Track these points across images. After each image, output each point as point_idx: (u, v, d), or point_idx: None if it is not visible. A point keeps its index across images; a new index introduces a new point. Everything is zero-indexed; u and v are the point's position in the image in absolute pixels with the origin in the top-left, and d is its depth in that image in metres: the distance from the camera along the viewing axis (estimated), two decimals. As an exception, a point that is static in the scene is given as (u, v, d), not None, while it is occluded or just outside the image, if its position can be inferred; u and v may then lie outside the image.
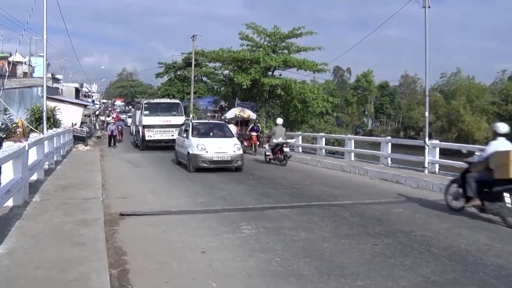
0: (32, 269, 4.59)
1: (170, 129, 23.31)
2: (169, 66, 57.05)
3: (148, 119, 23.83)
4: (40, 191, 8.97)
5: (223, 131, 16.74)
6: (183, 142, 15.79)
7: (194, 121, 17.33)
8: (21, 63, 49.13)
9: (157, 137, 23.74)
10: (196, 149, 14.41)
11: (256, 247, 6.23)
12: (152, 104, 25.66)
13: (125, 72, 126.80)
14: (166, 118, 24.08)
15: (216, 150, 14.53)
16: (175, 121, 23.35)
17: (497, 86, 59.76)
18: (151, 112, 24.39)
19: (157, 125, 23.67)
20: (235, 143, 15.14)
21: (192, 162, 14.39)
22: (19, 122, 22.95)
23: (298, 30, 30.60)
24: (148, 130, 23.58)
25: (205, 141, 14.88)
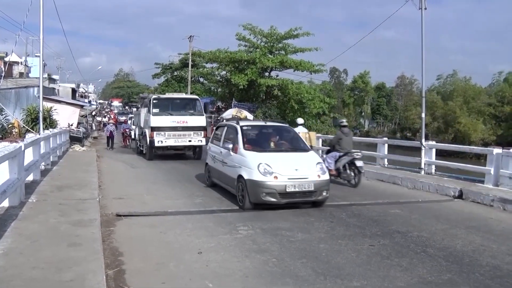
0: (28, 270, 4.58)
1: (187, 133, 18.16)
2: (166, 67, 56.99)
3: (157, 120, 17.91)
4: (36, 192, 8.94)
5: (291, 139, 10.50)
6: (227, 156, 9.94)
7: (242, 123, 10.59)
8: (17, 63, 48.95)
9: (169, 143, 18.15)
10: (256, 172, 8.59)
11: (252, 247, 6.23)
12: (162, 100, 19.14)
13: (122, 73, 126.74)
14: (182, 118, 18.20)
15: (291, 174, 8.63)
16: (193, 122, 18.31)
17: (494, 87, 59.93)
18: (161, 111, 18.30)
19: (170, 127, 17.95)
20: (317, 161, 9.27)
21: (249, 194, 8.61)
22: (15, 122, 22.83)
23: (295, 31, 30.64)
24: (158, 134, 17.82)
25: (270, 157, 9.01)
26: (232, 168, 9.55)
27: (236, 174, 9.21)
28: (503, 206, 9.28)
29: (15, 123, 22.69)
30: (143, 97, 22.13)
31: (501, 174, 10.83)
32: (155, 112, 18.10)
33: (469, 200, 10.15)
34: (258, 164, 8.67)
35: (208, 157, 11.72)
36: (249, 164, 8.90)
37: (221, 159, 10.38)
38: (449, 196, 10.67)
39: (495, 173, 10.96)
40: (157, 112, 18.13)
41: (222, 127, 11.46)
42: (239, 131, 9.91)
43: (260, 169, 8.59)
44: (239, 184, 9.01)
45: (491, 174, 11.02)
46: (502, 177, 10.80)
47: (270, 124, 11.55)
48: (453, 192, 10.68)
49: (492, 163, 11.06)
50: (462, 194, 10.42)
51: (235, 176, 9.23)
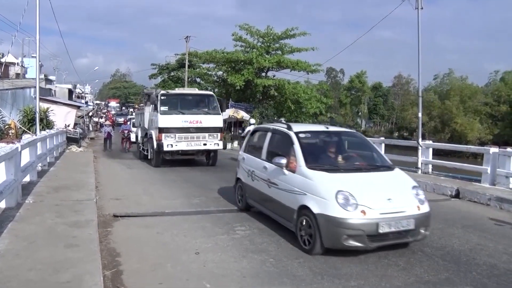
0: (25, 271, 4.57)
1: (201, 135, 15.83)
2: (163, 67, 56.80)
3: (166, 119, 15.52)
4: (33, 193, 8.92)
5: (364, 151, 7.76)
6: (277, 175, 7.14)
7: (296, 127, 7.57)
8: (13, 64, 48.85)
9: (180, 147, 15.72)
10: (333, 204, 5.90)
11: (250, 248, 6.24)
12: (172, 97, 16.63)
13: (118, 73, 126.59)
14: (195, 117, 15.79)
15: (383, 207, 5.99)
16: (209, 122, 15.96)
17: (490, 87, 60.08)
18: (171, 109, 15.90)
19: (181, 128, 15.56)
20: (412, 184, 6.76)
21: (322, 235, 5.91)
22: (12, 123, 22.79)
23: (291, 31, 30.70)
24: (167, 137, 15.44)
25: (349, 181, 6.32)
26: (288, 194, 6.71)
27: (296, 203, 6.40)
28: (499, 205, 9.31)
29: (12, 124, 22.65)
30: (148, 93, 18.54)
31: (497, 173, 10.87)
32: (164, 111, 15.60)
33: (466, 199, 10.18)
34: (337, 192, 5.89)
35: (240, 170, 8.92)
36: (319, 190, 6.09)
37: (265, 177, 7.54)
38: (446, 195, 10.70)
39: (491, 172, 11.00)
40: (165, 111, 15.63)
41: (262, 133, 8.68)
42: (295, 140, 7.04)
43: (340, 200, 5.83)
44: (303, 218, 6.24)
45: (487, 173, 11.06)
46: (498, 176, 10.85)
47: (335, 129, 8.24)
48: (450, 191, 10.70)
49: (489, 162, 11.10)
50: (459, 193, 10.45)
51: (294, 206, 6.44)
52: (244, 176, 8.62)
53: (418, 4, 14.23)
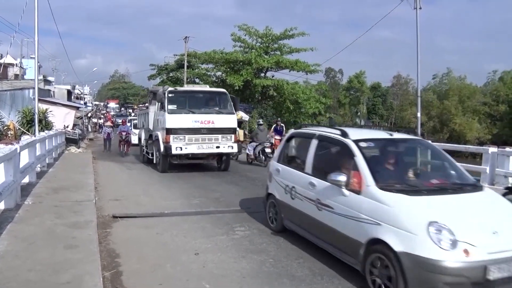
0: (24, 272, 4.57)
1: (213, 137, 14.25)
2: (162, 68, 56.83)
3: (175, 119, 13.98)
4: (32, 194, 8.92)
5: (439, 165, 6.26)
6: (333, 195, 5.59)
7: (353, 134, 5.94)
8: (12, 65, 48.79)
9: (191, 150, 14.09)
10: (424, 240, 4.32)
11: (249, 248, 6.24)
12: (181, 94, 15.30)
13: (117, 74, 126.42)
14: (207, 117, 14.23)
15: (489, 243, 4.35)
16: (222, 122, 14.39)
17: (488, 87, 60.17)
18: (180, 107, 14.46)
19: (191, 129, 14.04)
20: None
21: (409, 282, 4.34)
22: (11, 124, 22.77)
23: (290, 31, 30.72)
24: (176, 138, 13.94)
25: (440, 207, 4.75)
26: (350, 221, 5.18)
27: (365, 234, 4.91)
28: (498, 205, 9.31)
29: (11, 125, 22.63)
30: (154, 91, 16.76)
31: (496, 173, 10.87)
32: (172, 110, 14.11)
33: (465, 199, 10.16)
34: (428, 223, 4.39)
35: (273, 184, 7.27)
36: (402, 220, 4.59)
37: (313, 196, 5.98)
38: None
39: (490, 172, 11.00)
40: (174, 110, 14.15)
41: (303, 139, 7.08)
42: (356, 151, 5.51)
43: (433, 234, 4.32)
44: (376, 256, 4.75)
45: (486, 173, 11.06)
46: (497, 176, 10.85)
47: (400, 137, 6.53)
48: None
49: (488, 162, 11.10)
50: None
51: (361, 239, 4.96)
52: (280, 193, 6.90)
53: (416, 4, 14.26)
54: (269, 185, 7.46)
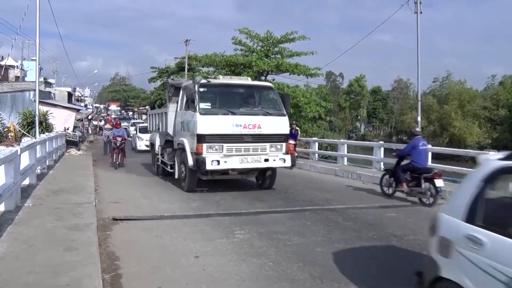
0: (24, 274, 4.57)
1: (259, 146, 10.93)
2: (162, 71, 56.91)
3: (210, 122, 10.65)
4: (32, 196, 8.91)
5: None
6: None
7: None
8: (13, 67, 48.86)
9: (232, 165, 10.73)
10: None
11: (249, 251, 6.23)
12: (216, 89, 11.93)
13: (118, 77, 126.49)
14: (251, 119, 10.93)
15: None
16: (271, 127, 11.10)
17: (488, 91, 60.21)
18: (215, 106, 11.22)
19: (232, 135, 10.74)
20: None
21: None
22: (11, 126, 22.79)
23: (291, 34, 30.68)
24: (211, 148, 10.57)
25: None
26: None
27: None
28: (498, 209, 9.26)
29: (11, 127, 22.65)
30: (175, 85, 13.16)
31: (496, 178, 10.85)
32: (205, 109, 10.68)
33: (465, 204, 10.13)
34: None
35: (457, 262, 3.47)
36: None
37: None
38: (445, 199, 10.69)
39: (491, 177, 10.98)
40: (208, 109, 10.75)
41: None
42: None
43: None
44: None
45: (486, 178, 11.03)
46: (497, 181, 10.83)
47: None
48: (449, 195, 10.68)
49: (488, 167, 11.08)
50: (458, 198, 10.38)
51: None
52: (479, 281, 3.21)
53: (417, 9, 14.30)
54: (439, 261, 3.69)
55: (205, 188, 11.31)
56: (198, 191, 11.17)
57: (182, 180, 11.54)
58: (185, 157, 11.05)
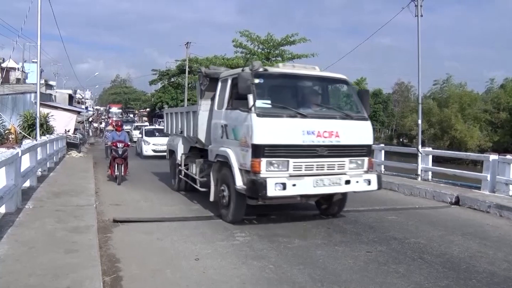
0: (24, 277, 4.57)
1: (337, 162, 7.90)
2: (163, 73, 57.06)
3: (271, 128, 7.45)
4: (33, 198, 8.92)
5: None
6: None
7: None
8: (14, 69, 48.98)
9: (304, 190, 7.54)
10: None
11: (249, 254, 6.23)
12: (276, 80, 8.42)
13: (118, 79, 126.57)
14: (326, 125, 7.79)
15: None
16: (351, 135, 8.03)
17: (489, 94, 60.17)
18: (276, 106, 7.80)
19: (303, 147, 7.54)
20: None
21: None
22: (12, 128, 22.82)
23: (291, 37, 30.76)
24: (273, 166, 7.37)
25: None
26: None
27: None
28: (499, 212, 9.31)
29: (12, 129, 22.69)
30: (211, 75, 9.53)
31: (497, 181, 10.88)
32: (264, 109, 7.55)
33: (465, 206, 10.17)
34: None
35: None
36: None
37: None
38: (446, 203, 10.70)
39: (491, 180, 11.01)
40: (268, 109, 7.59)
41: None
42: None
43: None
44: None
45: (487, 181, 11.07)
46: (498, 184, 10.86)
47: None
48: (450, 198, 10.70)
49: (489, 170, 11.11)
50: (459, 201, 10.45)
51: None
52: None
53: (417, 12, 14.29)
54: None
55: (252, 216, 8.36)
56: (246, 222, 8.19)
57: (223, 206, 8.37)
58: (229, 176, 7.99)
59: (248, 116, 7.46)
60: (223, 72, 9.31)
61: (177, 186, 11.84)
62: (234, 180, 7.76)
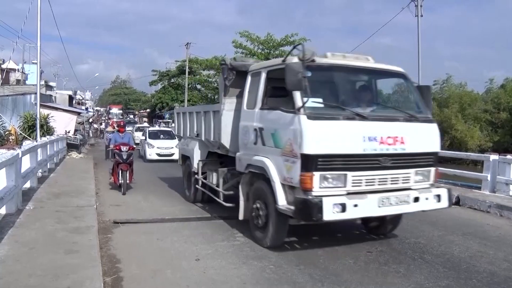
0: (25, 277, 4.57)
1: (402, 174, 6.36)
2: (163, 74, 57.08)
3: (325, 132, 5.87)
4: (33, 199, 8.92)
5: None
6: None
7: None
8: (14, 70, 49.00)
9: (367, 212, 5.99)
10: None
11: (250, 254, 6.23)
12: (326, 73, 6.70)
13: (119, 80, 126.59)
14: (388, 129, 6.29)
15: None
16: (416, 141, 6.47)
17: (490, 94, 60.15)
18: (329, 105, 6.27)
19: (364, 156, 6.04)
20: None
21: None
22: (12, 129, 22.82)
23: (291, 37, 30.76)
24: (327, 181, 5.81)
25: None
26: None
27: None
28: (499, 212, 9.31)
29: (12, 130, 22.69)
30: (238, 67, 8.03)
31: (497, 181, 10.88)
32: (316, 110, 6.06)
33: (466, 206, 10.17)
34: None
35: None
36: None
37: None
38: (446, 203, 10.66)
39: (492, 180, 11.01)
40: (320, 110, 6.13)
41: None
42: None
43: None
44: None
45: (488, 181, 11.06)
46: (498, 184, 10.85)
47: None
48: (450, 198, 10.67)
49: (489, 170, 11.11)
50: (459, 201, 10.44)
51: None
52: None
53: (418, 12, 14.32)
54: None
55: (292, 237, 7.01)
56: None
57: (257, 228, 6.83)
58: (267, 192, 6.50)
59: (296, 119, 5.94)
60: (253, 64, 7.82)
61: (193, 197, 10.30)
62: (275, 197, 6.25)
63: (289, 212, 5.98)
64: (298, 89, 5.92)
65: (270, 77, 6.89)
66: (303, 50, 6.08)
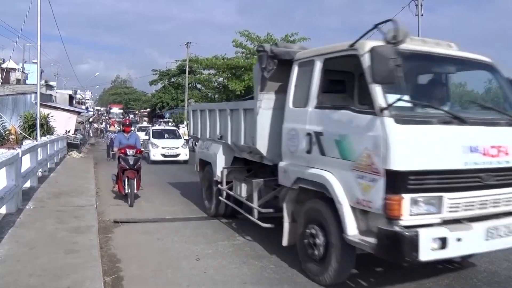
0: (25, 277, 4.57)
1: (505, 194, 4.74)
2: (163, 73, 56.99)
3: (417, 141, 4.34)
4: (33, 199, 8.92)
5: None
6: None
7: None
8: (14, 70, 48.96)
9: (473, 248, 4.60)
10: None
11: (250, 254, 6.23)
12: (410, 63, 4.88)
13: (119, 79, 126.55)
14: (491, 136, 4.73)
15: None
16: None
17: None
18: (416, 105, 4.81)
19: (466, 172, 4.51)
20: None
21: None
22: (12, 129, 22.80)
23: (291, 36, 30.71)
24: (419, 205, 4.27)
25: None
26: None
27: None
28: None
29: (12, 129, 22.66)
30: (281, 54, 6.26)
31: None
32: (404, 112, 4.50)
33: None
34: None
35: None
36: None
37: None
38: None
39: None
40: (408, 112, 4.59)
41: None
42: None
43: None
44: None
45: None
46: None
47: None
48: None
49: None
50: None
51: None
52: None
53: (418, 11, 14.31)
54: None
55: None
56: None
57: (312, 259, 5.32)
58: (328, 216, 5.06)
59: (377, 122, 4.45)
60: (301, 52, 6.18)
61: (214, 210, 8.65)
62: (343, 225, 4.74)
63: (367, 247, 4.52)
64: (389, 82, 4.34)
65: (328, 68, 5.43)
66: (396, 29, 4.30)
